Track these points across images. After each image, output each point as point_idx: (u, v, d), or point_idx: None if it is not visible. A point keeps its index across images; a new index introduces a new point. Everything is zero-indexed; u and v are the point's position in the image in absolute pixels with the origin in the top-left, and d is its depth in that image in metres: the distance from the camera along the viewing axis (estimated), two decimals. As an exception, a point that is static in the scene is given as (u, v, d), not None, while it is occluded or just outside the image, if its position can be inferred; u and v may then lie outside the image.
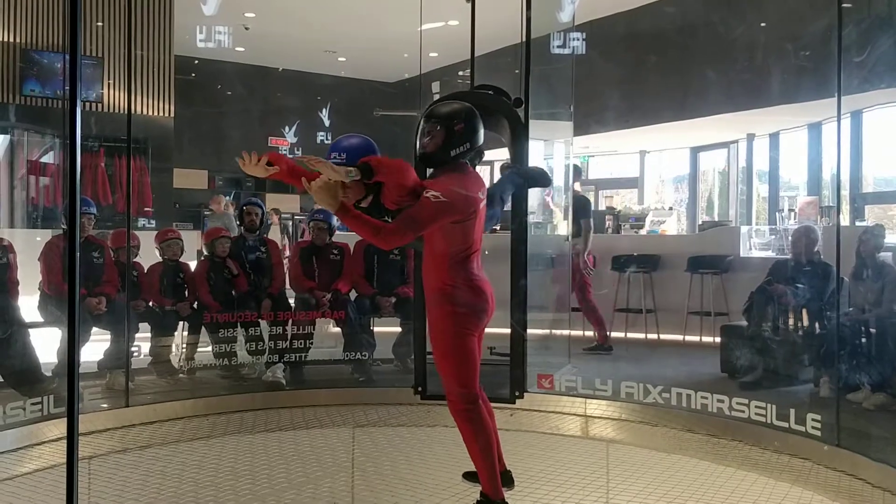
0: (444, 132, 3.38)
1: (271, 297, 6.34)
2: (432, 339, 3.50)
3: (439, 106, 3.54)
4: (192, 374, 6.14)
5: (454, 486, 3.85)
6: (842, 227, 5.45)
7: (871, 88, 7.60)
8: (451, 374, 3.41)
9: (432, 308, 3.45)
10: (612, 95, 11.10)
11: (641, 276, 8.45)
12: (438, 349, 3.44)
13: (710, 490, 4.07)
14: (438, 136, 3.39)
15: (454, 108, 3.47)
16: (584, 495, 3.95)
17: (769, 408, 4.87)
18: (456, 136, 3.39)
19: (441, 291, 3.39)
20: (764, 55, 10.07)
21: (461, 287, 3.38)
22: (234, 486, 4.08)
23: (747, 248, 8.65)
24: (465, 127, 3.40)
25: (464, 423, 3.42)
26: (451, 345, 3.39)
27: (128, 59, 9.37)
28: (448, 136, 3.38)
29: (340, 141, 3.49)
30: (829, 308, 5.63)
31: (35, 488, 4.01)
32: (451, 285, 3.37)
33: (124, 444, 4.86)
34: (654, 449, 4.80)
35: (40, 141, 9.87)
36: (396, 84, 14.60)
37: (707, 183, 15.65)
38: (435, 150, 3.40)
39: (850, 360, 5.31)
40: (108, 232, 6.91)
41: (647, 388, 5.37)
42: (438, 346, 3.44)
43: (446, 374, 3.42)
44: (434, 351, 3.48)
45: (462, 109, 3.46)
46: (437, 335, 3.44)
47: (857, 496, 4.05)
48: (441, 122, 3.40)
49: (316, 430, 5.23)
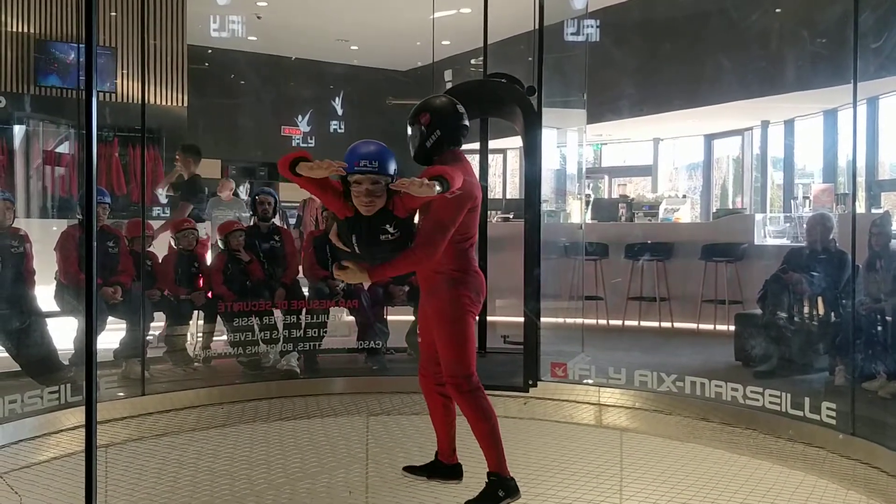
0: (416, 130, 3.59)
1: (285, 287, 6.36)
2: (436, 324, 3.55)
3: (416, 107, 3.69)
4: (207, 363, 6.18)
5: (467, 475, 3.86)
6: (857, 215, 5.40)
7: (888, 75, 7.52)
8: (457, 358, 3.48)
9: (436, 294, 3.53)
10: (625, 83, 11.04)
11: (655, 265, 8.43)
12: (445, 334, 3.50)
13: (724, 479, 4.06)
14: (415, 135, 3.60)
15: (419, 104, 3.66)
16: (597, 484, 3.96)
17: (784, 396, 4.85)
18: (425, 129, 3.58)
19: (450, 277, 3.48)
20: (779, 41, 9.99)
21: (470, 273, 3.52)
22: (250, 474, 4.11)
23: (762, 235, 8.61)
24: (431, 117, 3.58)
25: (470, 405, 3.49)
26: (459, 329, 3.48)
27: (141, 50, 9.40)
28: (419, 131, 3.59)
29: (359, 149, 3.35)
30: (844, 296, 5.60)
31: (53, 476, 4.05)
32: (460, 271, 3.49)
33: (140, 432, 4.90)
34: (667, 437, 4.80)
35: (55, 131, 9.91)
36: (409, 72, 14.57)
37: (721, 170, 15.57)
38: (416, 149, 3.62)
39: (866, 349, 5.29)
40: (123, 221, 6.94)
41: (661, 377, 5.36)
42: (445, 331, 3.50)
43: (452, 359, 3.48)
44: (439, 336, 3.53)
45: (425, 103, 3.65)
46: (444, 320, 3.50)
47: (872, 485, 4.03)
48: (411, 121, 3.63)
49: (330, 418, 5.25)
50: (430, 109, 3.60)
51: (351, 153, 3.34)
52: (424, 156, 3.60)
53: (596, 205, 11.33)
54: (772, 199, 13.59)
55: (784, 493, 3.87)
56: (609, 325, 8.31)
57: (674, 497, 3.80)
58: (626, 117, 12.24)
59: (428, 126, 3.56)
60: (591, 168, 16.03)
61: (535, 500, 3.71)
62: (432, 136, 3.56)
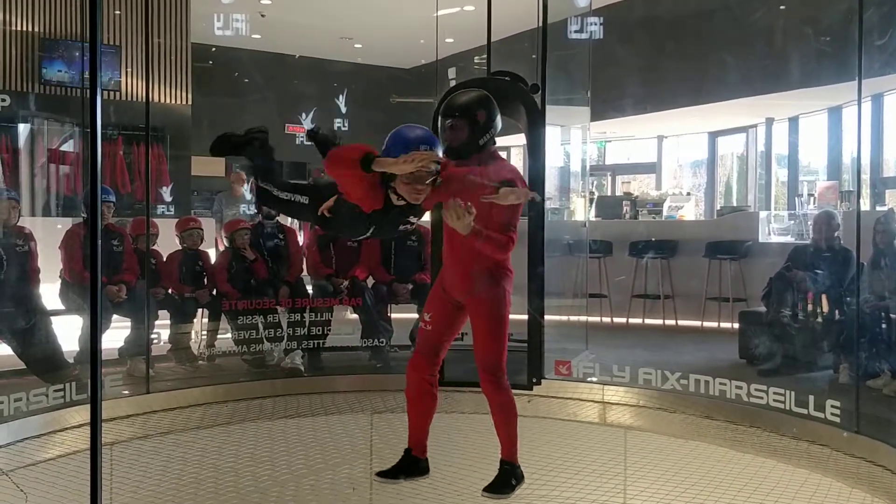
0: (467, 124, 3.44)
1: (289, 285, 6.37)
2: (481, 319, 3.50)
3: (455, 98, 3.59)
4: (211, 361, 6.19)
5: (471, 473, 3.86)
6: (862, 213, 5.40)
7: (893, 72, 7.50)
8: (498, 352, 3.49)
9: (481, 290, 3.48)
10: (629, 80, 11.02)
11: (659, 262, 8.42)
12: (490, 329, 3.48)
13: (728, 476, 4.07)
14: (463, 128, 3.44)
15: (472, 97, 3.54)
16: (602, 482, 3.96)
17: (788, 394, 4.85)
18: (480, 125, 3.46)
19: (494, 273, 3.46)
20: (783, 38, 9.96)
21: (510, 270, 3.53)
22: (254, 471, 4.12)
23: (766, 233, 8.60)
24: (486, 113, 3.48)
25: (506, 399, 3.53)
26: (503, 325, 3.49)
27: (145, 48, 9.40)
28: (473, 126, 3.44)
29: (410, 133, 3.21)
30: (848, 294, 5.59)
31: (58, 474, 4.07)
32: (506, 268, 3.50)
33: (145, 430, 4.92)
34: (672, 435, 4.81)
35: (60, 129, 9.92)
36: (413, 70, 14.55)
37: (725, 168, 15.54)
38: (463, 142, 3.45)
39: (870, 347, 5.28)
40: (128, 220, 6.95)
41: (665, 375, 5.36)
42: (490, 326, 3.48)
43: (496, 353, 3.49)
44: (481, 332, 3.49)
45: (479, 97, 3.53)
46: (490, 316, 3.48)
47: (877, 482, 4.04)
48: (463, 114, 3.45)
49: (334, 416, 5.27)
50: (486, 107, 3.50)
51: (403, 140, 3.19)
52: (469, 152, 3.46)
53: (600, 202, 11.33)
54: (776, 196, 13.56)
55: (788, 492, 3.87)
56: (613, 323, 8.30)
57: (678, 495, 3.81)
58: (630, 115, 12.22)
59: (485, 122, 3.47)
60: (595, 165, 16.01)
61: (540, 499, 3.72)
62: (488, 132, 3.48)
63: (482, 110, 3.47)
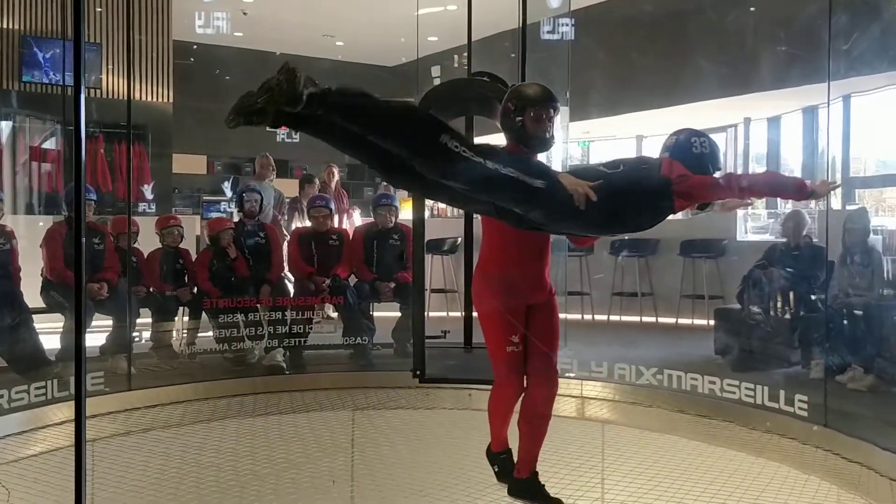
0: (545, 117, 3.24)
1: (270, 283, 6.40)
2: (556, 314, 3.60)
3: (542, 88, 3.30)
4: (192, 359, 6.22)
5: (450, 466, 3.93)
6: (832, 211, 5.51)
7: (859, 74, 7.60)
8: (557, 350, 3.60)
9: (545, 287, 3.59)
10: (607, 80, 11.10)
11: (636, 260, 8.52)
12: (557, 327, 3.58)
13: (700, 469, 4.17)
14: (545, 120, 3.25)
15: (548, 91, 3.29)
16: (579, 474, 4.05)
17: (759, 389, 4.95)
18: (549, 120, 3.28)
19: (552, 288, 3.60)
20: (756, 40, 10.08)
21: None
22: (235, 466, 4.17)
23: (743, 231, 8.71)
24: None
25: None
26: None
27: (127, 45, 9.39)
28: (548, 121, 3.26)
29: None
30: (818, 291, 5.71)
31: (40, 470, 4.10)
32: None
33: (127, 427, 4.95)
34: (647, 429, 4.90)
35: (41, 127, 9.89)
36: (395, 68, 14.58)
37: (705, 167, 15.65)
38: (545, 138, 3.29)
39: (838, 343, 5.40)
40: (109, 218, 6.96)
41: (641, 370, 5.46)
42: (557, 324, 3.59)
43: (557, 351, 3.60)
44: (552, 330, 3.56)
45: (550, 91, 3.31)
46: (556, 314, 3.59)
47: (844, 474, 4.14)
48: (547, 106, 3.24)
49: (316, 412, 5.31)
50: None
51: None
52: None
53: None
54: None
55: (758, 483, 3.97)
56: (595, 321, 8.39)
57: (654, 487, 3.89)
58: (609, 114, 12.31)
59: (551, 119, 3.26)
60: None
61: (517, 490, 3.78)
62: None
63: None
